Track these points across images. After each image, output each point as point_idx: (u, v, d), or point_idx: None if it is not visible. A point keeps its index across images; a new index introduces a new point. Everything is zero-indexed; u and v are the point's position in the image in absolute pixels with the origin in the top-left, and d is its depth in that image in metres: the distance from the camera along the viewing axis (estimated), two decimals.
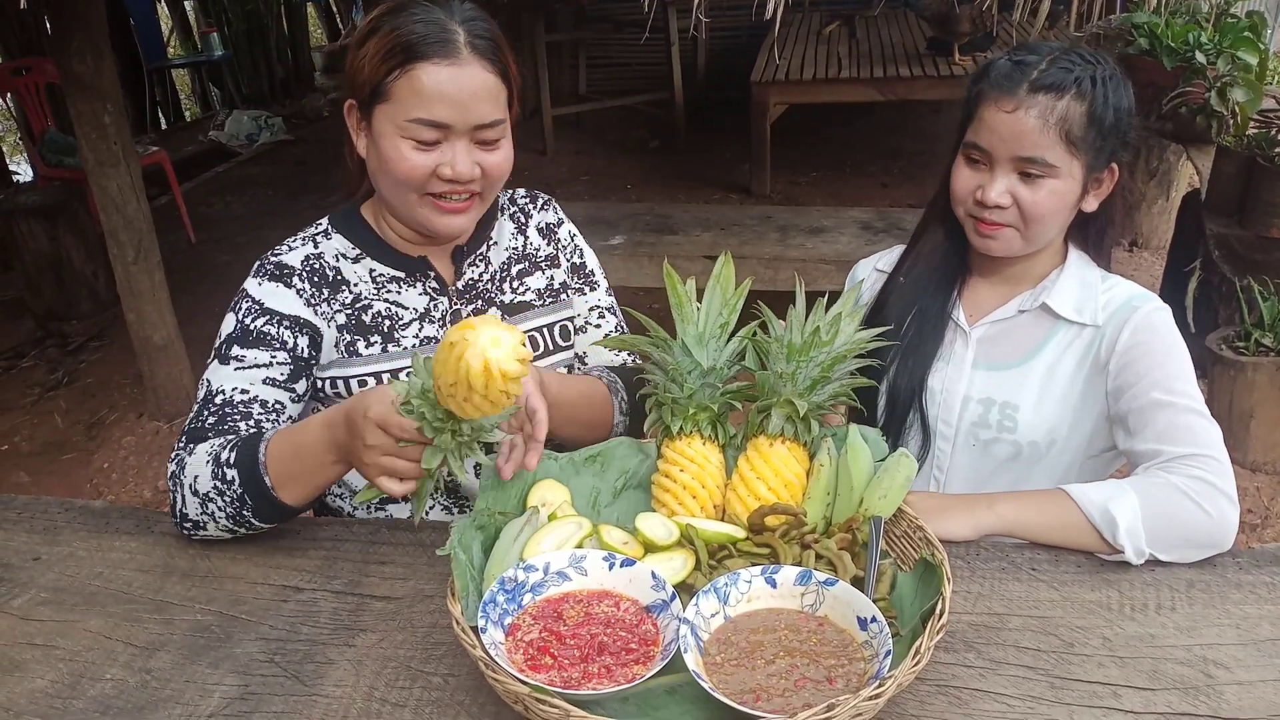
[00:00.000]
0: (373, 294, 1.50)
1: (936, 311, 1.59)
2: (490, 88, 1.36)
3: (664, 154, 7.83)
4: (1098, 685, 1.08)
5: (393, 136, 1.35)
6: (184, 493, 1.35)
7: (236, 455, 1.31)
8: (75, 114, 3.68)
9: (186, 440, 1.40)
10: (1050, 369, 1.53)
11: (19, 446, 4.20)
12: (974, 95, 1.46)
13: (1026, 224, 1.44)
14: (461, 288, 1.55)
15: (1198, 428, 1.37)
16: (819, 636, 1.07)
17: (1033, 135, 1.39)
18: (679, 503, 1.26)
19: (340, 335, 1.48)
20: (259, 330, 1.44)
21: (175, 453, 1.39)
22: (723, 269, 1.32)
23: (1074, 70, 1.40)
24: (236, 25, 9.80)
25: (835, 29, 7.57)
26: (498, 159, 1.40)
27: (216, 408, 1.41)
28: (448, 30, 1.34)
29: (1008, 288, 1.58)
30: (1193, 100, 4.26)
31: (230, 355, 1.43)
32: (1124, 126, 1.43)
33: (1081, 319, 1.51)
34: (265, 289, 1.46)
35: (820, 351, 1.28)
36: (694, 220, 4.35)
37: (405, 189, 1.39)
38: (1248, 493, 3.42)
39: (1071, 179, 1.43)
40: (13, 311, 5.39)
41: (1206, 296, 3.95)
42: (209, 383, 1.43)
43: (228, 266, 5.86)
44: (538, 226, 1.65)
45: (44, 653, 1.22)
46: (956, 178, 1.49)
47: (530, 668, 1.03)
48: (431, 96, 1.32)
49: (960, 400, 1.57)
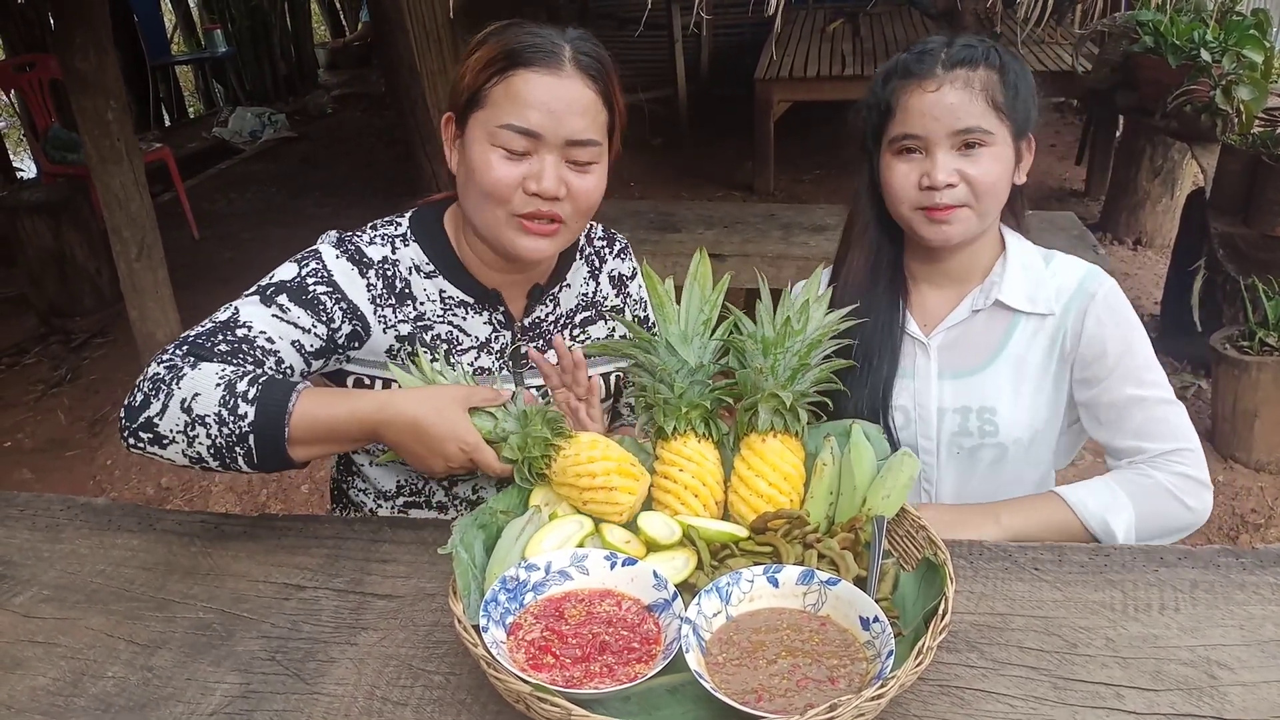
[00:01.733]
0: (438, 316, 1.46)
1: (885, 329, 1.55)
2: (587, 104, 1.33)
3: (667, 151, 7.83)
4: (1101, 686, 1.08)
5: (483, 143, 1.32)
6: (165, 401, 1.24)
7: (259, 393, 1.24)
8: (79, 110, 3.68)
9: (186, 351, 1.30)
10: (1018, 364, 1.52)
11: (22, 443, 4.21)
12: (887, 93, 1.46)
13: (978, 198, 1.44)
14: (527, 324, 1.52)
15: (1172, 418, 1.48)
16: (821, 636, 1.06)
17: (964, 105, 1.41)
18: (681, 502, 1.26)
19: (401, 345, 1.44)
20: (316, 294, 1.37)
21: (167, 356, 1.29)
22: (699, 266, 1.33)
23: (978, 46, 1.44)
24: (240, 21, 9.81)
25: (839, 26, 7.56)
26: (587, 185, 1.35)
27: (235, 338, 1.32)
28: (553, 43, 1.32)
29: (955, 288, 1.56)
30: (1197, 98, 4.25)
31: (275, 300, 1.36)
32: (1030, 96, 1.46)
33: (1036, 308, 1.51)
34: (340, 265, 1.40)
35: (794, 340, 1.29)
36: (697, 218, 4.34)
37: (491, 204, 1.34)
38: (1251, 492, 3.42)
39: (1006, 146, 1.44)
40: (16, 308, 5.41)
41: (1211, 295, 3.95)
42: (237, 310, 1.35)
43: (231, 263, 5.88)
44: (610, 275, 1.63)
45: (46, 650, 1.22)
46: (893, 176, 1.47)
47: (532, 667, 1.03)
48: (527, 102, 1.29)
49: (935, 413, 1.55)
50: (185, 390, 1.25)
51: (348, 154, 8.51)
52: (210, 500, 3.70)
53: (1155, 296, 4.71)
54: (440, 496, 1.57)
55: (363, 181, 7.44)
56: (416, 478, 1.56)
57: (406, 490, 1.57)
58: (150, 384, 1.26)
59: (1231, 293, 3.80)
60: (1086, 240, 3.81)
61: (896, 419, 1.56)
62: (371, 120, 9.73)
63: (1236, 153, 3.91)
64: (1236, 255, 3.80)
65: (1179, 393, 4.14)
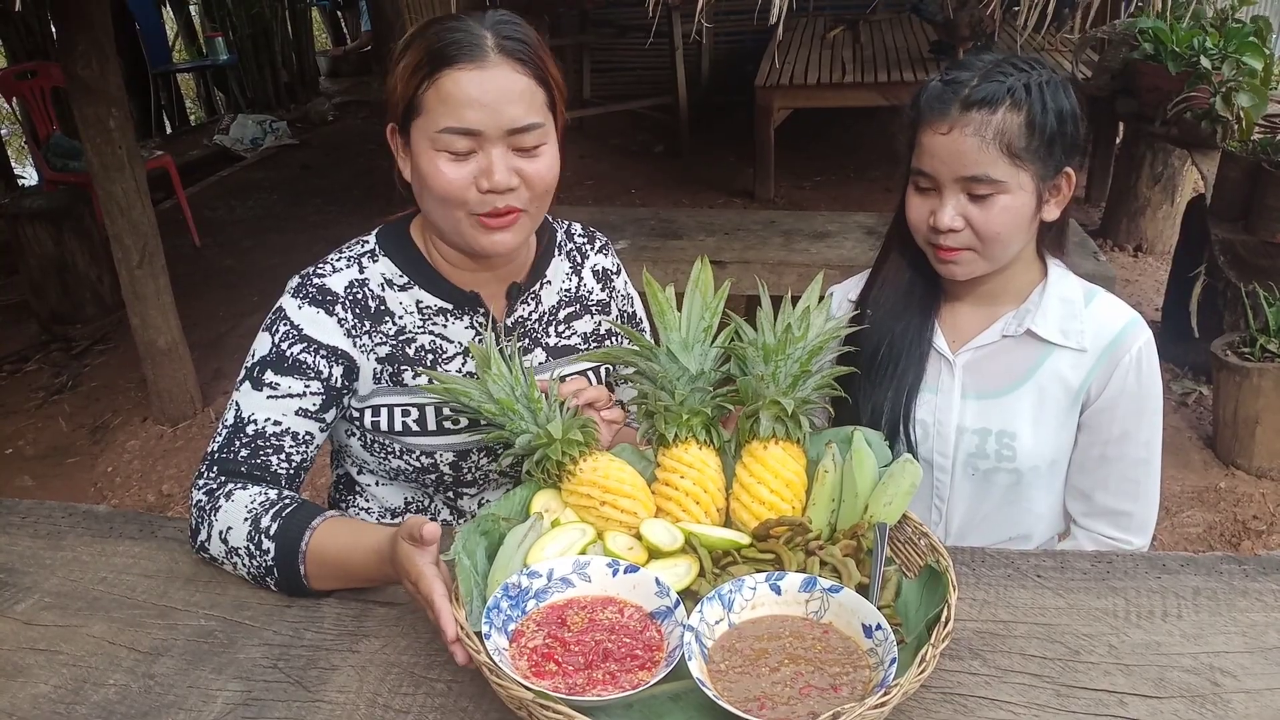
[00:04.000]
0: (418, 327, 1.45)
1: (914, 340, 1.54)
2: (521, 89, 1.29)
3: (668, 159, 7.83)
4: (1104, 693, 1.08)
5: (428, 151, 1.30)
6: (209, 531, 1.33)
7: (278, 529, 1.28)
8: (80, 118, 3.69)
9: (218, 471, 1.37)
10: (1042, 394, 1.50)
11: (23, 450, 4.21)
12: (912, 122, 1.43)
13: (983, 244, 1.41)
14: (510, 324, 1.50)
15: (1141, 479, 1.52)
16: (824, 644, 1.06)
17: (972, 154, 1.35)
18: (683, 509, 1.26)
19: (382, 367, 1.43)
20: (295, 357, 1.39)
21: (204, 481, 1.37)
22: (700, 273, 1.33)
23: (1006, 81, 1.36)
24: (241, 29, 9.82)
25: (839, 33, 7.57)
26: (539, 167, 1.33)
27: (249, 438, 1.37)
28: (474, 35, 1.28)
29: (987, 308, 1.54)
30: (1198, 105, 4.25)
31: (264, 381, 1.39)
32: (1070, 130, 1.38)
33: (1068, 342, 1.48)
34: (305, 314, 1.40)
35: (795, 347, 1.28)
36: (698, 225, 4.34)
37: (448, 207, 1.33)
38: (1253, 499, 3.41)
39: (1022, 191, 1.38)
40: (17, 315, 5.40)
41: (1211, 302, 3.95)
42: (239, 407, 1.39)
43: (232, 271, 5.88)
44: (593, 269, 1.61)
45: (47, 658, 1.22)
46: (910, 207, 1.45)
47: (534, 674, 1.02)
48: (459, 102, 1.27)
49: (954, 431, 1.53)
50: (220, 523, 1.32)
51: (349, 161, 8.52)
52: None
53: (1156, 303, 4.71)
54: (446, 515, 1.57)
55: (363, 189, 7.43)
56: (422, 495, 1.56)
57: (413, 507, 1.57)
58: (197, 512, 1.36)
59: (1232, 299, 3.80)
60: (1087, 247, 3.81)
61: (916, 432, 1.55)
62: (372, 128, 9.69)
63: (1237, 159, 3.91)
64: (1237, 262, 3.81)
65: (1180, 399, 4.16)
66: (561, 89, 1.38)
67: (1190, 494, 3.47)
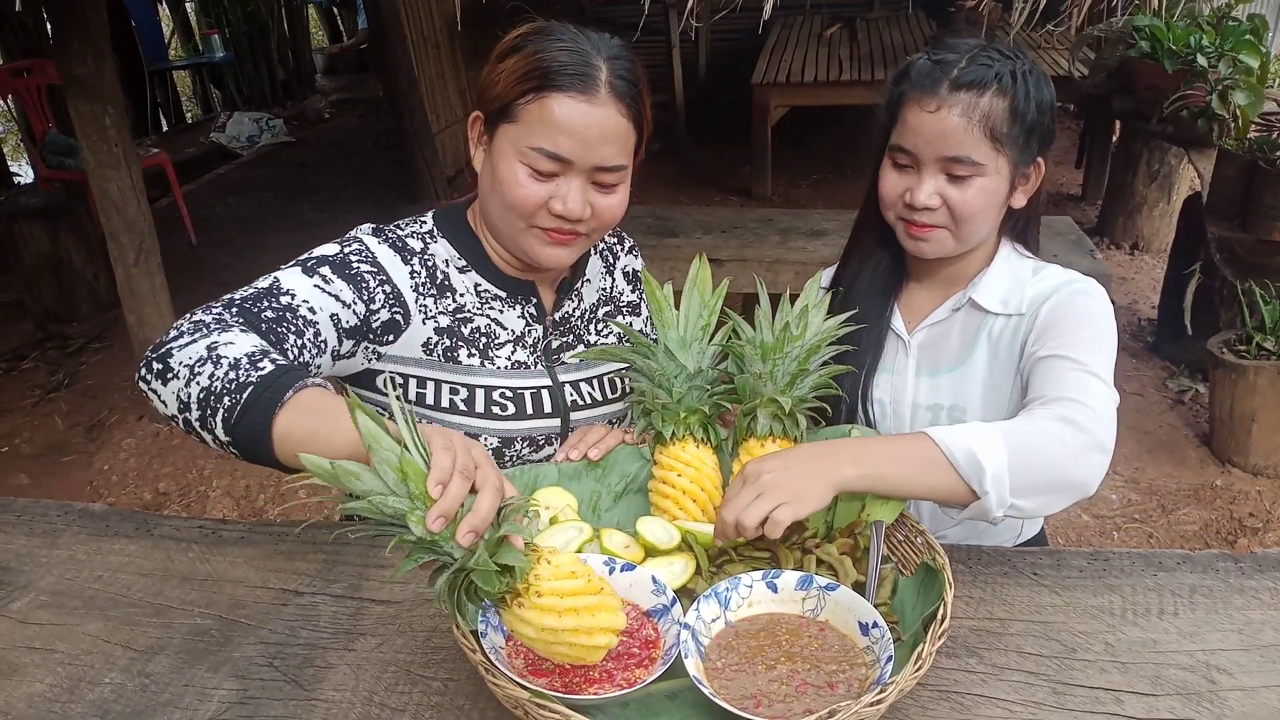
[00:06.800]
0: (476, 308, 1.45)
1: (874, 320, 1.55)
2: (620, 132, 1.31)
3: (665, 157, 7.83)
4: (1100, 691, 1.08)
5: (511, 159, 1.30)
6: (196, 338, 1.17)
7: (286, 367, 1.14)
8: (76, 116, 3.68)
9: (236, 312, 1.24)
10: (989, 365, 1.50)
11: (19, 448, 4.20)
12: (895, 97, 1.43)
13: (957, 224, 1.42)
14: (557, 319, 1.51)
15: (1088, 385, 1.28)
16: (820, 642, 1.06)
17: (957, 134, 1.36)
18: (679, 507, 1.26)
19: (439, 338, 1.41)
20: (360, 271, 1.34)
21: (218, 310, 1.23)
22: (699, 271, 1.33)
23: (994, 66, 1.37)
24: (237, 27, 9.82)
25: (836, 31, 7.58)
26: (611, 203, 1.36)
27: (281, 306, 1.26)
28: (590, 65, 1.28)
29: (943, 290, 1.55)
30: (1194, 103, 4.26)
31: (317, 270, 1.32)
32: (1046, 121, 1.41)
33: (1007, 309, 1.48)
34: (383, 250, 1.38)
35: (793, 346, 1.29)
36: (695, 223, 4.34)
37: (513, 215, 1.34)
38: (1249, 496, 3.42)
39: (999, 176, 1.40)
40: (13, 313, 5.40)
41: (1208, 300, 3.95)
42: (278, 280, 1.30)
43: (228, 268, 5.87)
44: (624, 271, 1.64)
45: (43, 656, 1.22)
46: (884, 182, 1.46)
47: (530, 672, 1.02)
48: (559, 129, 1.27)
49: (909, 408, 1.55)
50: (223, 339, 1.17)
51: (345, 159, 8.52)
52: (208, 506, 3.70)
53: (1152, 301, 4.72)
54: None
55: (360, 186, 7.44)
56: None
57: None
58: (191, 325, 1.20)
59: (1228, 297, 3.81)
60: (1084, 245, 3.82)
61: (875, 411, 1.57)
62: (369, 125, 9.74)
63: (1233, 158, 3.92)
64: (1233, 260, 3.81)
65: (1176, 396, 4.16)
66: (650, 130, 1.39)
67: (1186, 492, 3.48)
